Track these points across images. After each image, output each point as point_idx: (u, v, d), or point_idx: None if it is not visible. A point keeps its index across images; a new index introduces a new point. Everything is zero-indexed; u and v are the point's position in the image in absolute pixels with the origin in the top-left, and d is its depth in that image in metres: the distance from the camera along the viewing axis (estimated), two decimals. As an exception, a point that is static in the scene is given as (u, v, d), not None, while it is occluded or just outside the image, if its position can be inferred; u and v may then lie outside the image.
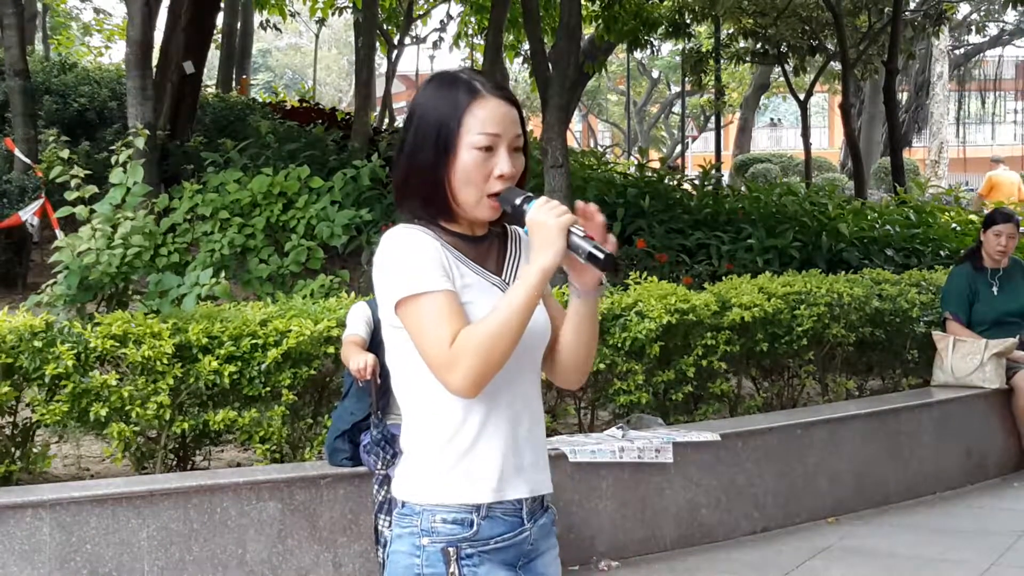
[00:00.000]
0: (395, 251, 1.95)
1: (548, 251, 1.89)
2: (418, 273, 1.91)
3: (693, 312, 5.62)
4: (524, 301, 1.88)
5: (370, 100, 14.46)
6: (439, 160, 1.96)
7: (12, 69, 9.48)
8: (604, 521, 4.99)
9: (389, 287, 1.94)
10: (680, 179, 12.09)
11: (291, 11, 21.13)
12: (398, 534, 1.99)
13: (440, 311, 1.89)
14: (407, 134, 2.01)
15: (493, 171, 1.96)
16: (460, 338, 1.86)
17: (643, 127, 38.76)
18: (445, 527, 1.94)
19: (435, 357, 1.88)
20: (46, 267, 7.41)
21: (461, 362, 1.85)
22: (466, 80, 2.00)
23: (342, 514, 4.53)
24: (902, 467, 5.98)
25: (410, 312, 1.91)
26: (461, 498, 1.94)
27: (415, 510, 1.96)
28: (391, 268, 1.94)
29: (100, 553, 4.16)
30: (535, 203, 1.94)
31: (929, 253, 9.24)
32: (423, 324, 1.89)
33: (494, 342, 1.86)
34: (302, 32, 41.21)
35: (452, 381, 1.87)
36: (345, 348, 4.34)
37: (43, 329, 4.59)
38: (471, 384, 1.86)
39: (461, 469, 1.95)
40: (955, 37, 29.21)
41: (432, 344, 1.88)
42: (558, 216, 1.90)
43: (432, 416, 1.97)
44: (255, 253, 6.58)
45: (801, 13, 15.34)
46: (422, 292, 1.89)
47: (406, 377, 2.00)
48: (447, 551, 1.94)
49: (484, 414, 1.96)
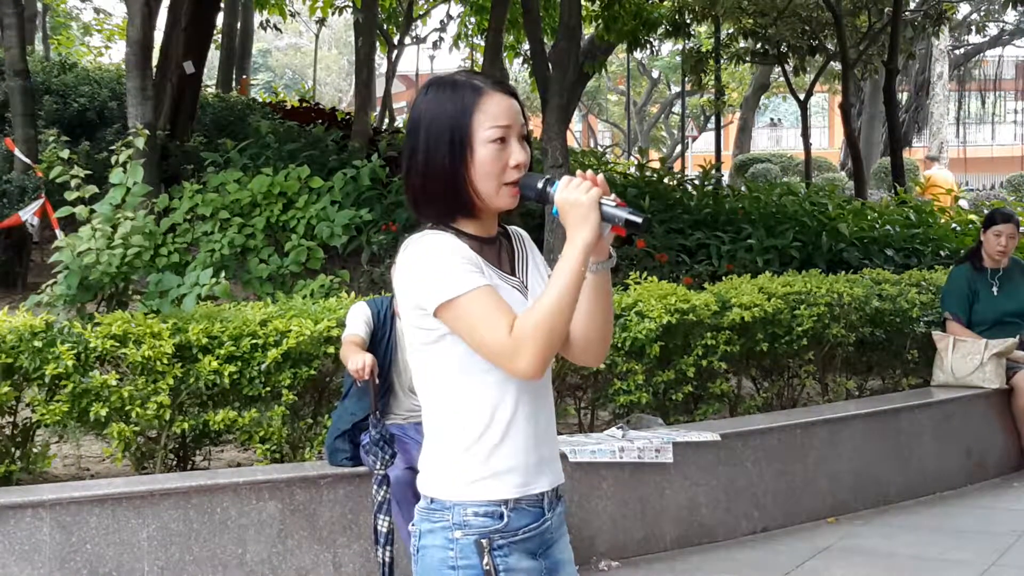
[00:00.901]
0: (427, 256, 1.99)
1: (585, 226, 1.96)
2: (458, 273, 1.95)
3: (693, 312, 5.62)
4: (573, 278, 1.94)
5: (370, 100, 14.47)
6: (457, 160, 2.01)
7: (12, 69, 9.48)
8: (604, 521, 4.99)
9: (426, 292, 1.97)
10: (680, 179, 12.09)
11: (291, 11, 21.14)
12: (428, 528, 2.05)
13: (489, 304, 1.94)
14: (415, 142, 2.05)
15: (508, 161, 2.04)
16: (519, 325, 1.92)
17: (643, 127, 38.75)
18: (477, 520, 2.01)
19: (498, 347, 1.92)
20: (46, 267, 7.41)
21: (526, 347, 1.91)
22: (466, 81, 2.06)
23: (342, 514, 4.53)
24: (902, 467, 5.98)
25: (457, 313, 1.95)
26: (491, 494, 2.01)
27: (445, 505, 2.03)
28: (426, 273, 1.97)
29: (100, 553, 4.16)
30: (559, 184, 2.01)
31: (929, 253, 9.24)
32: (475, 320, 1.94)
33: (553, 321, 1.91)
34: (302, 32, 41.22)
35: (519, 367, 1.92)
36: (344, 348, 4.34)
37: (43, 329, 4.59)
38: (539, 366, 1.92)
39: (490, 466, 2.01)
40: (955, 37, 29.20)
41: (491, 336, 1.93)
42: (587, 192, 1.98)
43: (460, 415, 2.02)
44: (255, 253, 6.58)
45: (801, 13, 15.34)
46: (467, 291, 1.94)
47: (432, 377, 2.04)
48: (480, 543, 2.00)
49: (511, 411, 2.02)
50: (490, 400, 2.01)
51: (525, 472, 2.04)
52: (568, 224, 1.98)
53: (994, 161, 36.27)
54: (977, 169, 33.86)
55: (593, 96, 39.07)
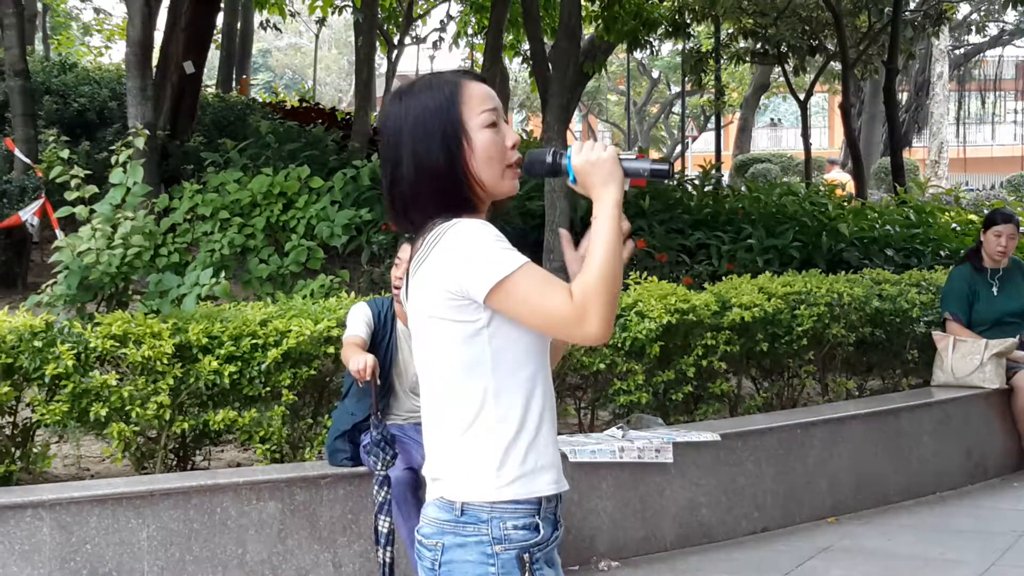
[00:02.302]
0: (465, 243, 1.92)
1: (612, 184, 1.96)
2: (501, 255, 1.90)
3: (693, 312, 5.62)
4: (614, 236, 1.92)
5: (370, 100, 14.46)
6: (454, 154, 1.98)
7: (12, 69, 9.48)
8: (604, 521, 4.99)
9: (471, 279, 1.90)
10: (680, 179, 12.09)
11: (291, 11, 21.13)
12: (459, 543, 1.96)
13: (543, 276, 1.91)
14: (398, 152, 2.00)
15: (506, 142, 2.02)
16: (577, 290, 1.88)
17: (643, 127, 38.76)
18: (518, 533, 1.96)
19: (564, 315, 1.88)
20: (46, 267, 7.42)
21: (592, 310, 1.87)
22: (436, 78, 2.04)
23: (342, 514, 4.53)
24: (902, 467, 5.97)
25: (511, 292, 1.89)
26: (529, 493, 1.96)
27: (480, 517, 1.95)
28: (467, 261, 1.91)
29: (100, 553, 4.16)
30: (572, 150, 2.00)
31: (929, 253, 9.24)
32: (533, 294, 1.89)
33: (611, 282, 1.89)
34: (302, 32, 41.21)
35: (589, 330, 1.88)
36: (345, 349, 4.34)
37: (43, 329, 4.59)
38: (607, 328, 1.89)
39: (529, 464, 1.97)
40: (955, 37, 29.22)
41: (554, 306, 1.88)
42: (605, 150, 1.98)
43: (496, 410, 1.96)
44: (255, 253, 6.58)
45: (801, 13, 15.34)
46: (517, 267, 1.89)
47: (464, 371, 1.96)
48: (522, 557, 1.95)
49: (540, 406, 1.99)
50: (525, 395, 1.97)
51: (555, 468, 2.01)
52: (593, 185, 1.97)
53: (994, 161, 36.28)
54: (977, 169, 33.88)
55: (593, 96, 39.07)
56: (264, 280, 6.39)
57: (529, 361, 1.98)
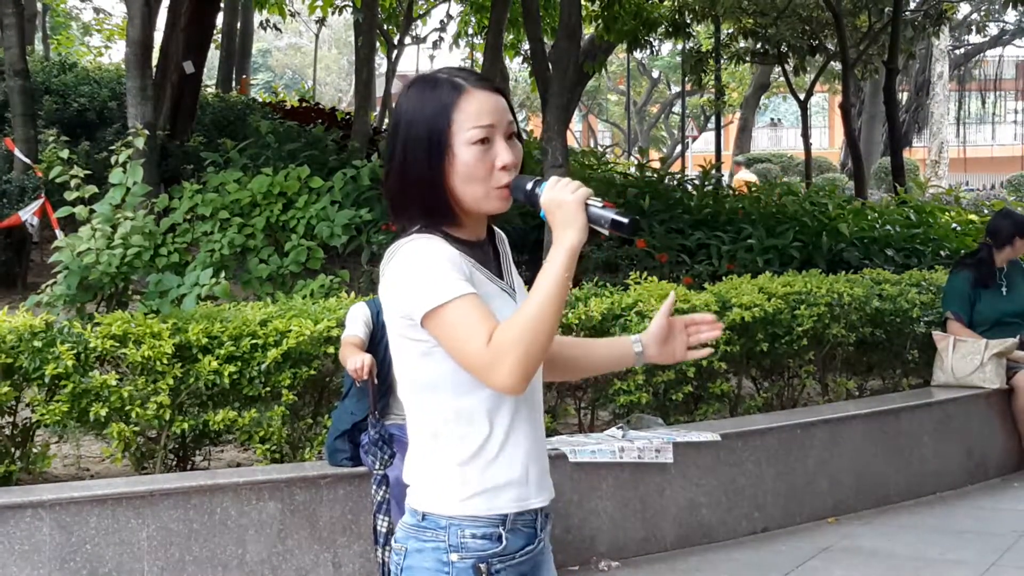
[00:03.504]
0: (412, 264, 1.88)
1: (571, 228, 1.85)
2: (440, 282, 1.85)
3: (693, 312, 5.60)
4: (557, 286, 1.83)
5: (370, 100, 14.46)
6: (435, 164, 1.90)
7: (12, 69, 9.47)
8: (604, 521, 4.99)
9: (411, 302, 1.87)
10: (680, 179, 12.09)
11: (291, 11, 21.13)
12: (417, 548, 1.93)
13: (470, 314, 1.83)
14: (395, 145, 1.94)
15: (495, 163, 1.92)
16: (497, 335, 1.81)
17: (643, 127, 38.75)
18: (475, 542, 1.91)
19: (476, 359, 1.82)
20: (46, 267, 7.41)
21: (504, 358, 1.80)
22: (446, 79, 1.94)
23: (342, 514, 4.53)
24: (902, 467, 5.97)
25: (440, 322, 1.84)
26: (489, 509, 1.91)
27: (439, 524, 1.91)
28: (411, 282, 1.87)
29: (100, 553, 4.16)
30: (546, 185, 1.90)
31: (929, 253, 9.23)
32: (456, 330, 1.83)
33: (534, 332, 1.80)
34: (302, 32, 41.20)
35: (498, 379, 1.81)
36: (344, 349, 4.33)
37: (43, 329, 4.58)
38: (518, 379, 1.81)
39: (488, 480, 1.91)
40: (955, 37, 29.22)
41: (470, 347, 1.82)
42: (573, 192, 1.87)
43: (456, 427, 1.92)
44: (255, 253, 6.58)
45: (801, 13, 15.35)
46: (448, 300, 1.83)
47: (424, 389, 1.94)
48: (479, 567, 1.90)
49: (508, 422, 1.93)
50: (487, 411, 1.91)
51: (522, 486, 1.94)
52: (555, 225, 1.87)
53: (994, 161, 36.30)
54: (977, 169, 33.89)
55: (593, 96, 39.05)
56: (264, 280, 6.38)
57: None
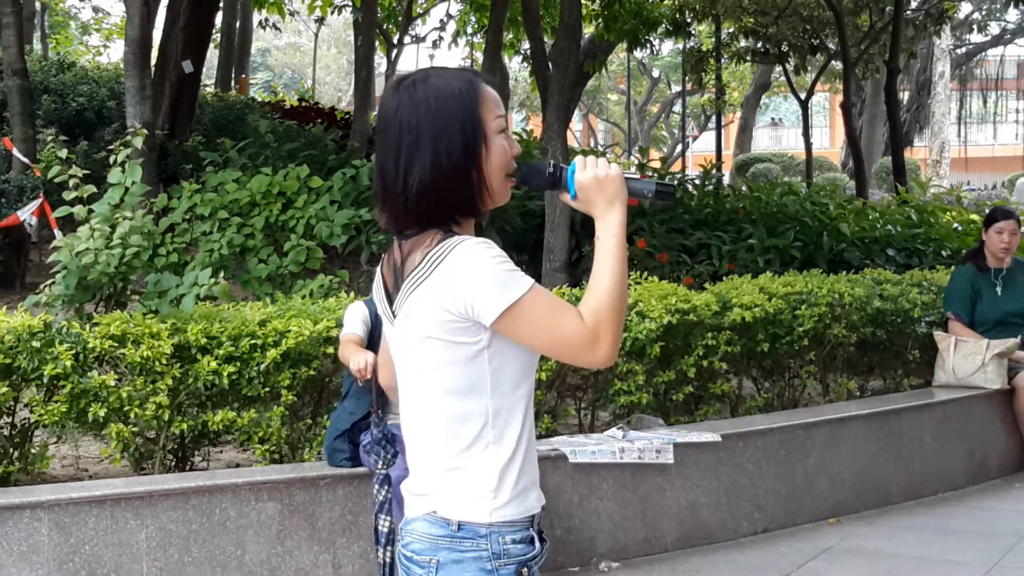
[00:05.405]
0: (476, 262, 1.85)
1: (618, 203, 1.93)
2: (514, 275, 1.86)
3: (694, 312, 5.60)
4: (623, 258, 1.90)
5: (370, 99, 14.41)
6: (475, 155, 1.90)
7: (10, 68, 9.46)
8: (604, 522, 4.98)
9: (483, 302, 1.84)
10: (681, 179, 12.07)
11: (290, 10, 21.14)
12: (455, 559, 1.91)
13: (550, 299, 1.88)
14: (413, 148, 1.88)
15: (512, 152, 1.96)
16: (588, 314, 1.86)
17: (643, 127, 38.73)
18: (516, 547, 1.92)
19: (576, 336, 1.85)
20: (44, 267, 7.39)
21: (604, 334, 1.85)
22: (454, 72, 1.95)
23: (341, 515, 4.51)
24: (903, 468, 5.96)
25: (522, 313, 1.84)
26: (523, 512, 1.93)
27: (479, 532, 1.91)
28: (480, 282, 1.84)
29: (99, 554, 4.15)
30: (575, 166, 1.95)
31: (930, 253, 9.22)
32: (545, 317, 1.86)
33: (622, 304, 1.88)
34: (301, 31, 41.20)
35: (600, 353, 1.86)
36: (343, 347, 4.32)
37: (41, 329, 4.57)
38: (616, 350, 1.87)
39: (520, 481, 1.94)
40: (957, 36, 29.21)
41: (567, 328, 1.86)
42: (610, 167, 1.93)
43: (494, 429, 1.92)
44: (254, 253, 6.57)
45: (802, 12, 15.34)
46: (526, 290, 1.85)
47: (461, 393, 1.91)
48: (521, 572, 1.92)
49: (530, 425, 1.97)
50: (520, 414, 1.93)
51: (537, 484, 1.99)
52: (598, 203, 1.92)
53: (996, 160, 36.30)
54: (979, 169, 33.86)
55: (593, 95, 39.05)
56: (263, 280, 6.38)
57: (524, 380, 1.95)
